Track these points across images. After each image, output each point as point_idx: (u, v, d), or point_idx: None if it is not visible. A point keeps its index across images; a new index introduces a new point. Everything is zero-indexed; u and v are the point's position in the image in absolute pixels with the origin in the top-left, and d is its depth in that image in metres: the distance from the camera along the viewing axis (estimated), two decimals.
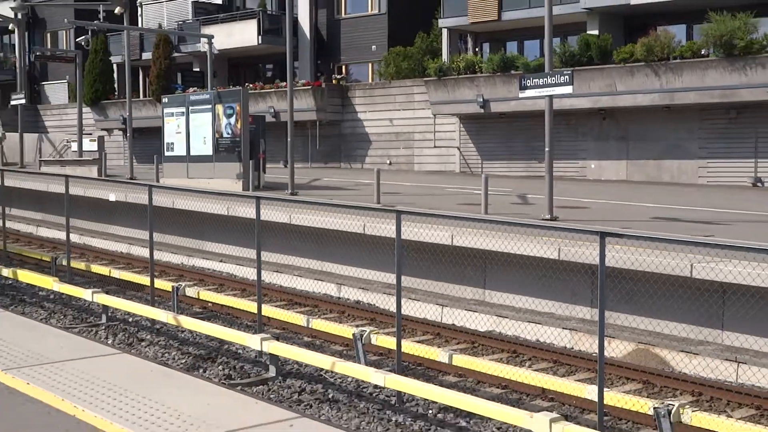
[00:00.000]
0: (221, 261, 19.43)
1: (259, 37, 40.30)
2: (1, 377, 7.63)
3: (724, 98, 26.23)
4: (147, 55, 44.71)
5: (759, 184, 26.94)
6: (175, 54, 43.67)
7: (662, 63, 27.00)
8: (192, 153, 26.54)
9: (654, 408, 8.94)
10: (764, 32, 25.52)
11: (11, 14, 40.99)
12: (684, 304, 12.48)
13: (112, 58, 46.81)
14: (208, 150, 26.03)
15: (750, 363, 11.29)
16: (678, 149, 28.52)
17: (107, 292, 14.90)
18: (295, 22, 37.29)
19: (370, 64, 39.46)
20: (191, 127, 26.55)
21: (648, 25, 29.54)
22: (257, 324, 12.97)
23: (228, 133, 25.47)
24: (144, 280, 15.95)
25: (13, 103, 37.95)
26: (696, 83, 26.48)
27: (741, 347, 11.94)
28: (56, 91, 54.00)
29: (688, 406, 9.13)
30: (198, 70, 43.96)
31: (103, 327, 14.34)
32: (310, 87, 36.90)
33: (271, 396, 10.83)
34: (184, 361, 12.55)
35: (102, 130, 45.71)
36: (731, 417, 9.50)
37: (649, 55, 27.14)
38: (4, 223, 18.97)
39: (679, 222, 17.65)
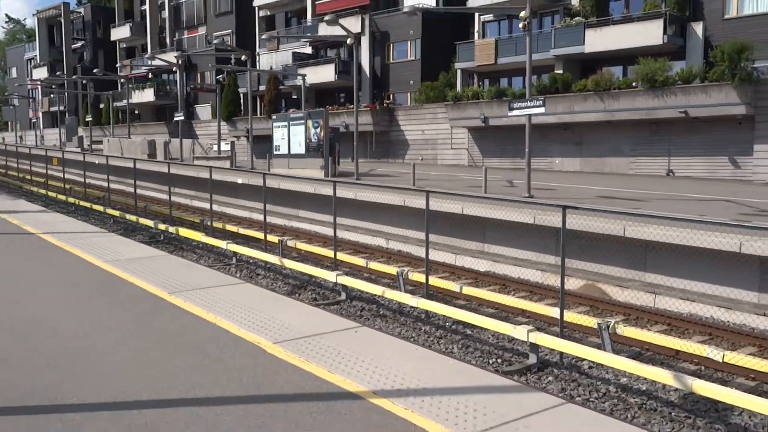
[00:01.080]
0: (310, 223, 19.52)
1: (336, 76, 40.10)
2: (168, 297, 7.75)
3: (648, 116, 25.70)
4: (262, 87, 44.78)
5: (671, 174, 26.36)
6: (281, 87, 43.70)
7: (606, 92, 26.53)
8: (291, 152, 26.61)
9: (598, 323, 8.85)
10: (676, 71, 25.13)
11: (174, 60, 41.42)
12: (619, 254, 12.29)
13: (239, 89, 46.97)
14: (302, 150, 26.07)
15: (663, 294, 11.14)
16: (616, 150, 27.97)
17: (236, 243, 15.06)
18: (359, 66, 37.17)
19: (409, 93, 39.08)
20: (291, 135, 26.59)
21: (596, 66, 29.06)
22: (334, 264, 13.02)
23: (315, 139, 25.48)
24: (260, 235, 16.06)
25: (175, 119, 38.39)
26: (628, 106, 26.01)
27: (657, 284, 11.77)
28: (203, 111, 54.36)
29: (621, 323, 9.04)
30: (295, 97, 43.85)
31: (233, 266, 14.53)
32: (369, 109, 36.70)
33: (342, 312, 10.91)
34: (286, 289, 12.68)
35: (233, 137, 45.99)
36: (650, 330, 9.38)
37: (596, 87, 26.76)
38: (170, 197, 19.22)
39: (616, 199, 17.32)
